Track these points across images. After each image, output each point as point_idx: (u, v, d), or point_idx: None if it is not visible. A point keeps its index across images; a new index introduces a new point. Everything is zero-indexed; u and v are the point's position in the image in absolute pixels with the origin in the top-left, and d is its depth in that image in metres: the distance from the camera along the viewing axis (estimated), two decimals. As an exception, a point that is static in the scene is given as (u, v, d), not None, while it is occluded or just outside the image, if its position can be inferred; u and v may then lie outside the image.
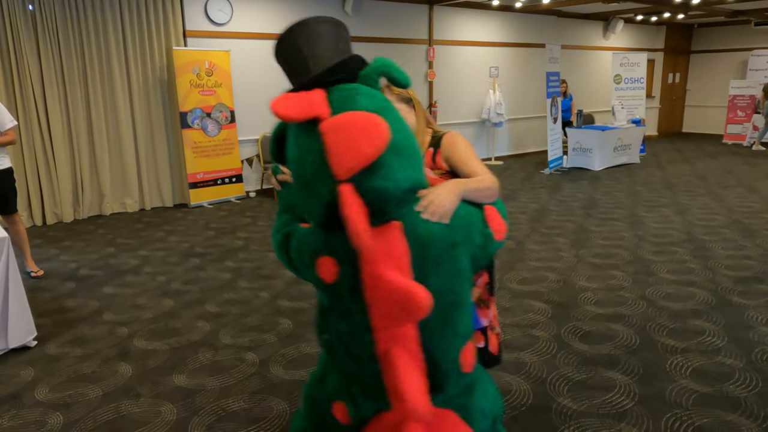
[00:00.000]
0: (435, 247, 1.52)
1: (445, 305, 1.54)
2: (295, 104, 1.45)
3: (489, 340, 1.97)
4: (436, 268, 1.52)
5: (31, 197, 6.30)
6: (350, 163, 1.40)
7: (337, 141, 1.42)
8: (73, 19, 6.25)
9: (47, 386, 2.93)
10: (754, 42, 13.11)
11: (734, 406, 2.61)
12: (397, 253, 1.48)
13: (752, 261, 4.61)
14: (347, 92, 1.50)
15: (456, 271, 1.56)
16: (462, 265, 1.58)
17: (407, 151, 1.51)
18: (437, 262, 1.52)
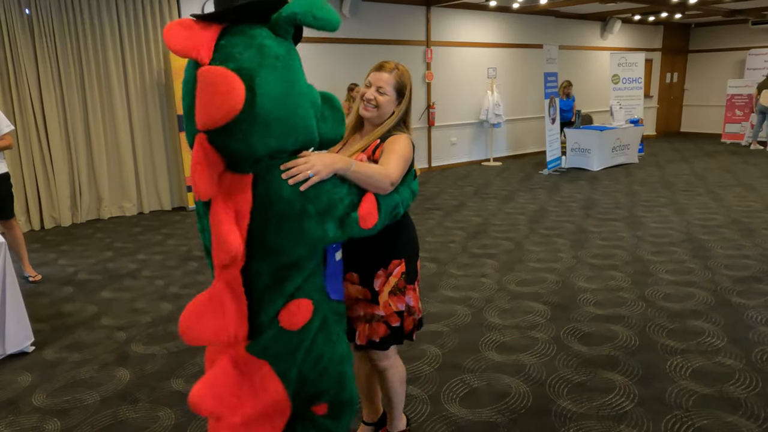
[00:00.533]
0: (280, 207, 1.55)
1: (277, 262, 1.60)
2: (182, 38, 1.43)
3: (404, 321, 2.08)
4: (276, 226, 1.56)
5: (29, 201, 6.28)
6: (202, 119, 1.44)
7: (198, 93, 1.44)
8: (70, 22, 6.24)
9: (45, 392, 2.92)
10: (752, 41, 13.12)
11: (734, 407, 2.60)
12: (239, 201, 1.54)
13: (751, 260, 4.61)
14: (237, 39, 1.47)
15: (298, 236, 1.59)
16: (309, 233, 1.60)
17: (274, 119, 1.48)
18: (279, 222, 1.55)
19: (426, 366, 3.05)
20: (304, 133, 1.59)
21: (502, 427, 2.51)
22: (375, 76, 2.00)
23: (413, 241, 2.12)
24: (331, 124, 1.72)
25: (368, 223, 1.72)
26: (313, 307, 1.70)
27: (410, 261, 2.08)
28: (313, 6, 1.49)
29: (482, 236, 5.58)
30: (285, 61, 1.52)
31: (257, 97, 1.45)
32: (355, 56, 8.51)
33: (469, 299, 3.96)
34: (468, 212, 6.61)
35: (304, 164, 1.59)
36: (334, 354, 1.77)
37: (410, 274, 2.08)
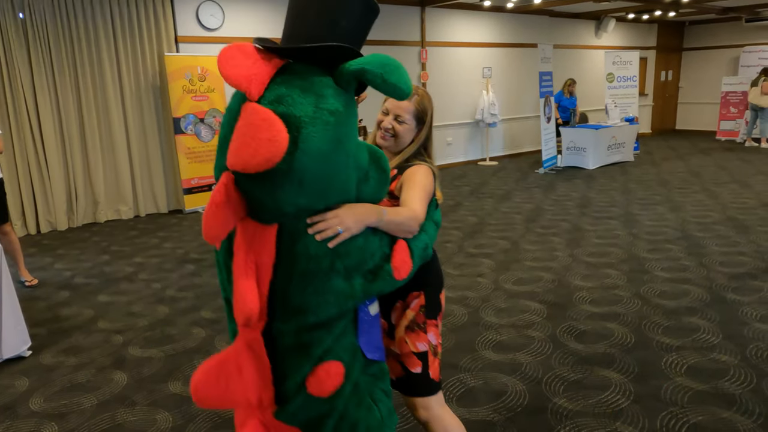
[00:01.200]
0: (306, 264, 1.40)
1: (302, 322, 1.44)
2: (236, 65, 1.29)
3: (429, 365, 1.82)
4: (301, 284, 1.41)
5: (24, 206, 6.27)
6: (234, 161, 1.29)
7: (238, 131, 1.29)
8: (64, 26, 6.24)
9: (42, 396, 2.92)
10: (746, 38, 13.17)
11: (729, 402, 2.62)
12: (262, 254, 1.40)
13: (746, 257, 4.63)
14: (296, 81, 1.33)
15: (325, 295, 1.43)
16: (337, 292, 1.44)
17: (309, 179, 1.33)
18: (304, 279, 1.41)
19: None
20: (339, 195, 1.43)
21: (499, 425, 2.52)
22: (393, 104, 1.84)
23: (435, 271, 1.90)
24: (374, 187, 1.54)
25: (402, 273, 1.54)
26: (345, 370, 1.51)
27: (431, 293, 1.86)
28: (386, 68, 1.34)
29: (478, 236, 5.59)
30: (339, 118, 1.35)
31: (298, 152, 1.28)
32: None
33: (466, 299, 3.97)
34: (464, 212, 6.63)
35: (333, 219, 1.42)
36: (370, 421, 1.59)
37: (431, 308, 1.86)
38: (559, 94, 9.78)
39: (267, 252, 1.40)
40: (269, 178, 1.29)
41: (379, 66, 1.33)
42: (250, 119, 1.27)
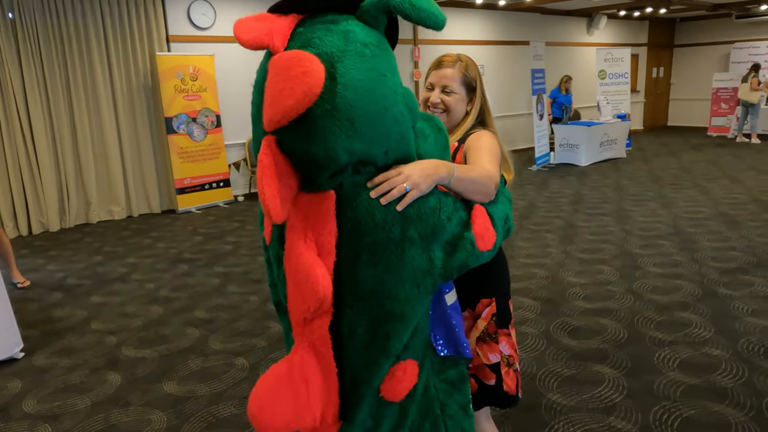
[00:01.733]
0: (374, 235, 1.19)
1: (377, 309, 1.23)
2: (251, 28, 1.18)
3: (503, 378, 1.69)
4: (371, 260, 1.20)
5: (16, 207, 6.23)
6: (270, 114, 1.13)
7: (268, 86, 1.15)
8: (54, 25, 6.20)
9: (35, 398, 2.91)
10: (736, 35, 13.25)
11: (721, 396, 2.64)
12: (321, 231, 1.21)
13: (737, 252, 4.66)
14: (318, 25, 1.20)
15: (400, 272, 1.22)
16: (413, 267, 1.23)
17: (359, 116, 1.15)
18: (374, 253, 1.20)
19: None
20: (398, 144, 1.24)
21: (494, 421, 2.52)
22: (436, 75, 1.69)
23: (504, 277, 1.75)
24: (433, 145, 1.37)
25: (487, 242, 1.31)
26: (419, 369, 1.32)
27: (502, 300, 1.72)
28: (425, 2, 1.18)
29: (472, 233, 5.60)
30: (375, 50, 1.20)
31: (338, 87, 1.14)
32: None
33: (460, 296, 3.98)
34: (458, 209, 6.63)
35: (398, 176, 1.21)
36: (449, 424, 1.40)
37: (502, 316, 1.71)
38: (556, 90, 9.79)
39: (327, 227, 1.20)
40: (315, 122, 1.14)
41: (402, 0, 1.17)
42: (278, 65, 1.13)
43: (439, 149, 1.37)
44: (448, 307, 1.41)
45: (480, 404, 1.74)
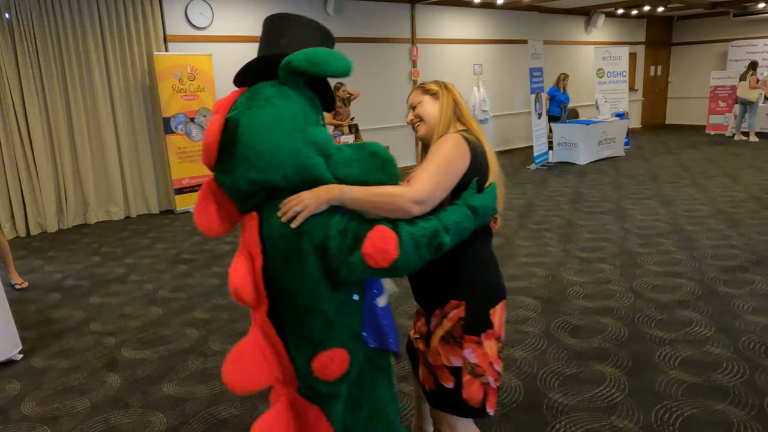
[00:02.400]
0: (282, 245, 1.52)
1: (292, 302, 1.55)
2: (221, 102, 1.64)
3: (463, 385, 1.67)
4: (284, 265, 1.53)
5: (13, 208, 6.21)
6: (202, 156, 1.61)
7: None
8: (51, 26, 6.17)
9: (34, 400, 2.89)
10: (733, 33, 13.26)
11: (723, 395, 2.63)
12: (249, 242, 1.58)
13: (737, 250, 4.66)
14: (245, 93, 1.62)
15: (304, 276, 1.51)
16: (310, 272, 1.50)
17: (254, 153, 1.51)
18: (284, 261, 1.53)
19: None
20: (295, 169, 1.51)
21: (495, 421, 2.52)
22: (409, 100, 1.84)
23: (484, 282, 1.71)
24: (359, 169, 1.59)
25: (379, 261, 1.47)
26: (349, 357, 1.60)
27: (475, 306, 1.68)
28: (310, 55, 1.51)
29: (471, 232, 5.59)
30: (274, 101, 1.54)
31: (239, 134, 1.53)
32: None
33: (460, 295, 3.97)
34: (457, 209, 6.62)
35: (294, 199, 1.50)
36: (377, 406, 1.69)
37: (473, 323, 1.67)
38: (554, 88, 9.77)
39: (253, 239, 1.57)
40: (225, 160, 1.57)
41: (303, 55, 1.51)
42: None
43: (366, 171, 1.59)
44: (379, 309, 1.64)
45: (439, 405, 1.75)
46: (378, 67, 8.97)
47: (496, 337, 1.72)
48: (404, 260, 1.48)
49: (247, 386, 1.62)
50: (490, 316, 1.70)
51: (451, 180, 1.58)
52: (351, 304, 1.59)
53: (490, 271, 1.74)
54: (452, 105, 1.77)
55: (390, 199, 1.50)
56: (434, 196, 1.54)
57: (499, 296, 1.74)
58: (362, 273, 1.50)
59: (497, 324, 1.72)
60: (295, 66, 1.51)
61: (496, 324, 1.71)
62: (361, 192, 1.51)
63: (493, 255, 1.78)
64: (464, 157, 1.61)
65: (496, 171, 1.69)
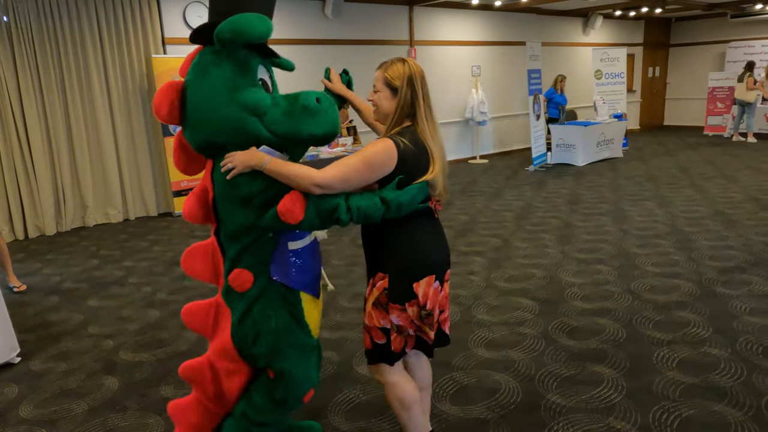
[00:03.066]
0: (219, 189, 1.90)
1: (224, 230, 1.95)
2: (182, 65, 1.97)
3: (392, 340, 1.96)
4: (221, 203, 1.92)
5: (12, 211, 6.21)
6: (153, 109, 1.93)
7: None
8: (49, 28, 6.18)
9: (32, 403, 2.89)
10: (731, 34, 13.28)
11: (720, 396, 2.63)
12: (206, 179, 1.98)
13: (734, 251, 4.67)
14: (197, 57, 1.91)
15: (230, 214, 1.91)
16: (235, 214, 1.89)
17: (198, 119, 1.85)
18: (221, 200, 1.91)
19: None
20: (234, 131, 1.82)
21: (493, 423, 2.52)
22: (375, 78, 1.96)
23: (411, 259, 1.92)
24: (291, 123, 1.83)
25: (288, 218, 1.80)
26: (253, 278, 1.95)
27: (398, 279, 1.92)
28: (231, 23, 1.73)
29: (470, 234, 5.60)
30: (213, 69, 1.82)
31: (187, 101, 1.86)
32: (339, 57, 8.49)
33: (458, 297, 3.98)
34: (455, 210, 6.63)
35: (228, 157, 1.82)
36: (264, 326, 1.98)
37: (396, 293, 1.92)
38: (551, 90, 9.79)
39: (207, 179, 1.97)
40: (183, 122, 1.91)
41: (227, 25, 1.73)
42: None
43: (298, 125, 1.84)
44: (289, 249, 1.96)
45: (374, 359, 2.02)
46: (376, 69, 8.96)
47: (420, 306, 1.93)
48: (307, 223, 1.82)
49: (195, 273, 2.08)
50: (414, 289, 1.92)
51: (362, 179, 1.81)
52: (264, 239, 1.92)
53: (419, 250, 1.93)
54: (408, 104, 1.89)
55: (297, 179, 1.78)
56: (336, 186, 1.79)
57: (425, 272, 1.93)
58: (275, 225, 1.86)
59: (422, 296, 1.93)
60: (222, 37, 1.75)
61: (421, 296, 1.92)
62: (277, 166, 1.79)
63: (430, 234, 1.98)
64: (387, 163, 1.82)
65: (439, 169, 1.90)
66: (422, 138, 1.89)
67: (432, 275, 1.94)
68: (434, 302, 1.97)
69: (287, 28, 7.94)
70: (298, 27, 8.08)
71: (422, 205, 1.91)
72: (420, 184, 1.87)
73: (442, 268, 2.00)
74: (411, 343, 2.03)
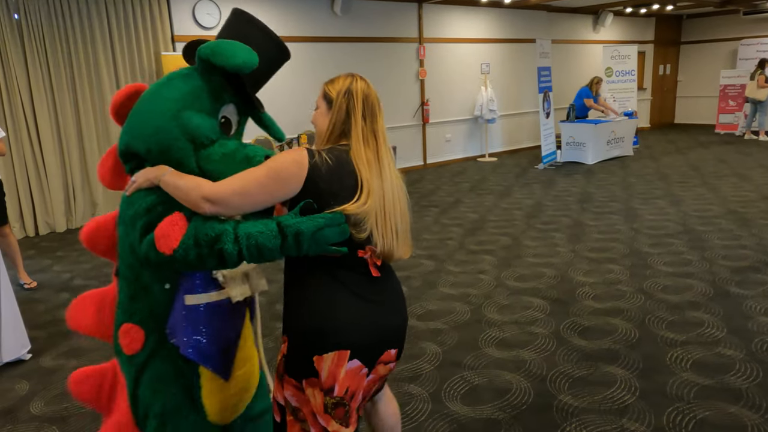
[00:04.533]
0: (120, 210, 1.65)
1: (120, 269, 1.68)
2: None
3: (288, 424, 1.57)
4: (117, 229, 1.68)
5: (22, 208, 6.24)
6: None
7: None
8: (60, 26, 6.20)
9: (43, 400, 2.90)
10: (744, 31, 13.14)
11: (736, 397, 2.60)
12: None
13: (748, 250, 4.61)
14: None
15: (121, 243, 1.64)
16: (123, 245, 1.62)
17: (132, 120, 1.66)
18: (117, 225, 1.67)
19: (426, 364, 3.04)
20: (158, 146, 1.58)
21: (504, 423, 2.50)
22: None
23: (314, 325, 1.48)
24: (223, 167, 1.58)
25: (161, 245, 1.43)
26: (144, 339, 1.61)
27: (297, 348, 1.51)
28: (215, 43, 1.58)
29: (479, 232, 5.57)
30: (177, 81, 1.65)
31: (136, 103, 1.69)
32: (348, 55, 8.48)
33: (468, 296, 3.95)
34: (464, 209, 6.60)
35: (136, 175, 1.60)
36: (152, 405, 1.64)
37: (293, 365, 1.52)
38: (588, 91, 9.61)
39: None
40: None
41: (210, 44, 1.58)
42: None
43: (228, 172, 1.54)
44: (185, 305, 1.61)
45: None
46: (385, 66, 8.95)
47: (324, 390, 1.48)
48: (182, 253, 1.42)
49: (77, 326, 1.79)
50: (314, 364, 1.47)
51: (265, 194, 1.44)
52: (159, 289, 1.59)
53: (331, 314, 1.48)
54: (341, 119, 1.55)
55: (187, 189, 1.46)
56: (231, 202, 1.43)
57: (330, 346, 1.47)
58: (152, 255, 1.47)
59: (326, 376, 1.47)
60: (202, 54, 1.58)
61: (324, 375, 1.47)
62: (173, 177, 1.50)
63: (351, 299, 1.51)
64: (298, 174, 1.45)
65: (372, 205, 1.48)
66: (353, 161, 1.51)
67: (342, 351, 1.48)
68: (354, 387, 1.51)
69: (296, 26, 7.93)
70: (307, 24, 8.06)
71: (336, 249, 1.46)
72: (334, 215, 1.45)
73: (371, 349, 1.53)
74: None
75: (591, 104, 9.59)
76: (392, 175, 1.57)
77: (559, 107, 10.69)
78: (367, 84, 1.60)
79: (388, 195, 1.54)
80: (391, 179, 1.56)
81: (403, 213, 1.59)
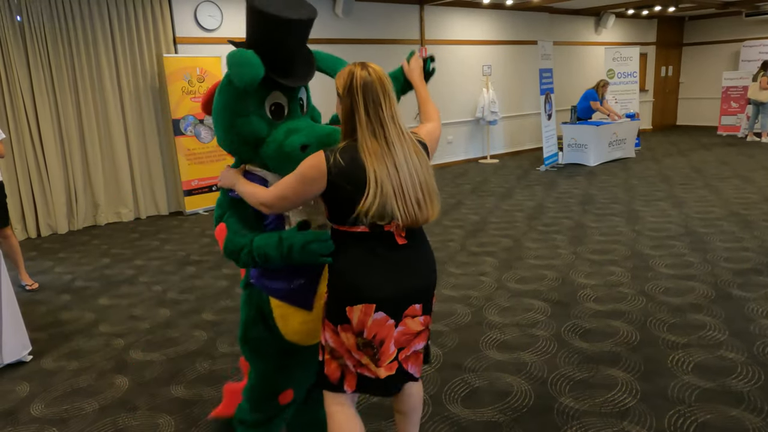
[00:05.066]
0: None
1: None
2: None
3: (325, 362, 1.87)
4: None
5: (24, 209, 6.25)
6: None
7: None
8: (62, 28, 6.21)
9: (43, 401, 2.90)
10: (746, 33, 13.12)
11: (738, 400, 2.59)
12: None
13: (751, 253, 4.60)
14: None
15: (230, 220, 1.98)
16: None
17: (215, 123, 1.96)
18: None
19: (427, 366, 3.03)
20: (234, 146, 1.94)
21: (505, 426, 2.49)
22: None
23: (346, 282, 1.78)
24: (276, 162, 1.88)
25: (219, 244, 1.94)
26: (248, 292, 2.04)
27: (334, 299, 1.81)
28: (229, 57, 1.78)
29: (481, 234, 5.57)
30: (221, 94, 1.91)
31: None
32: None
33: (469, 298, 3.95)
34: (466, 210, 6.60)
35: (221, 172, 1.99)
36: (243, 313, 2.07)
37: (331, 312, 1.82)
38: (594, 93, 9.56)
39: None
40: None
41: (229, 57, 1.79)
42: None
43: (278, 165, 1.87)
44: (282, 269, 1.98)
45: (317, 381, 1.92)
46: (387, 68, 8.87)
47: (356, 333, 1.78)
48: (227, 255, 1.90)
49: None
50: (346, 313, 1.77)
51: (298, 195, 1.75)
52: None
53: (358, 275, 1.76)
54: (348, 117, 1.71)
55: (248, 197, 1.85)
56: (276, 205, 1.80)
57: (358, 299, 1.75)
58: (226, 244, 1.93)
59: (356, 323, 1.76)
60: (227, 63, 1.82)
61: (355, 322, 1.77)
62: (241, 186, 1.88)
63: (376, 264, 1.76)
64: (318, 177, 1.69)
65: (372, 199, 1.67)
66: (362, 157, 1.68)
67: (368, 304, 1.74)
68: (382, 334, 1.77)
69: (298, 28, 7.92)
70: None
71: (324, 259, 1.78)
72: (319, 233, 1.78)
73: (395, 304, 1.78)
74: (351, 382, 1.83)
75: (597, 107, 9.57)
76: (406, 151, 1.73)
77: (561, 109, 10.68)
78: (369, 70, 1.71)
79: (403, 171, 1.70)
80: (405, 154, 1.72)
81: (423, 181, 1.75)
